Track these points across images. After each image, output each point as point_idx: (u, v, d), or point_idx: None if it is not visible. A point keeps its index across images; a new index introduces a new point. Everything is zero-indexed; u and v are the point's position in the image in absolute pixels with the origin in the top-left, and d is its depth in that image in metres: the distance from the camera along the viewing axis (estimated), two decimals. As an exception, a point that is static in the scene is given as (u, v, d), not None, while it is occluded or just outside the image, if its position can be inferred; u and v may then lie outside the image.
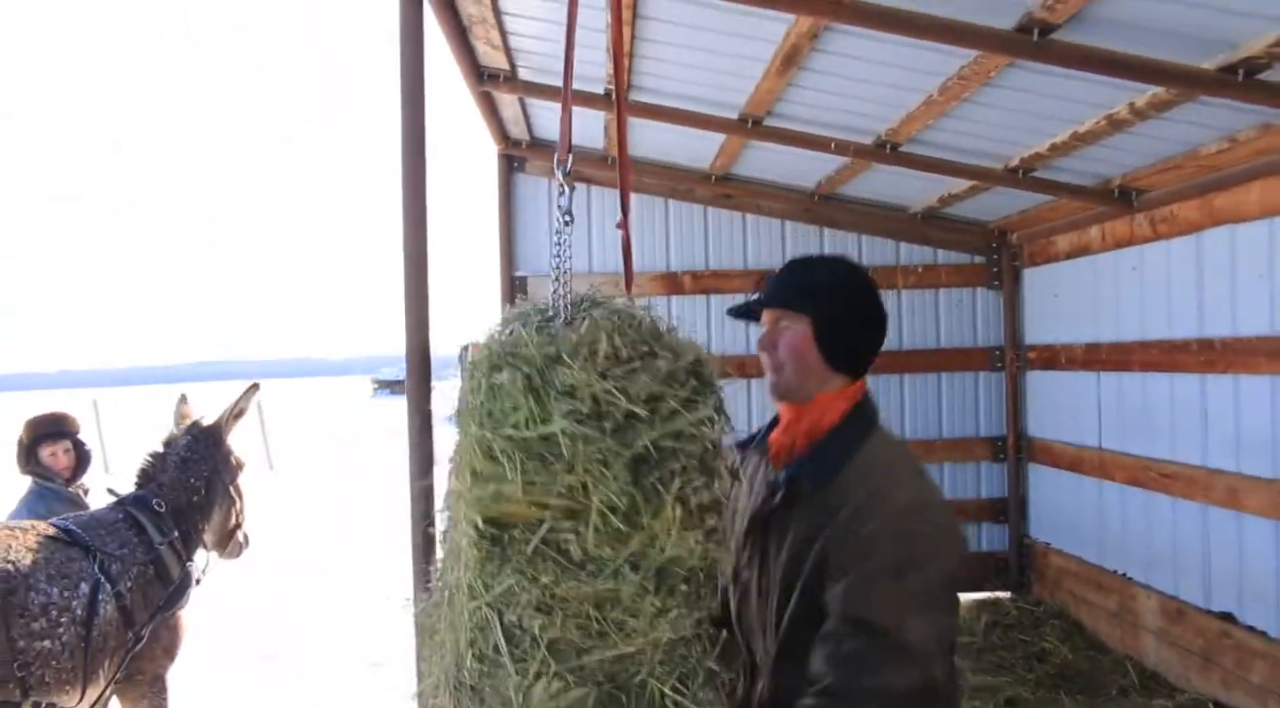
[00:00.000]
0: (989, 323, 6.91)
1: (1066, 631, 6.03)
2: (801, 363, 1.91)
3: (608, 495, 1.45)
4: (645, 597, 1.48)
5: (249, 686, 5.92)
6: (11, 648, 3.15)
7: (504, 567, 1.48)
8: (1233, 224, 4.50)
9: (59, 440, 4.31)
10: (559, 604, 1.47)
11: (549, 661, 1.46)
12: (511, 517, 1.48)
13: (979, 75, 3.94)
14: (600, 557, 1.46)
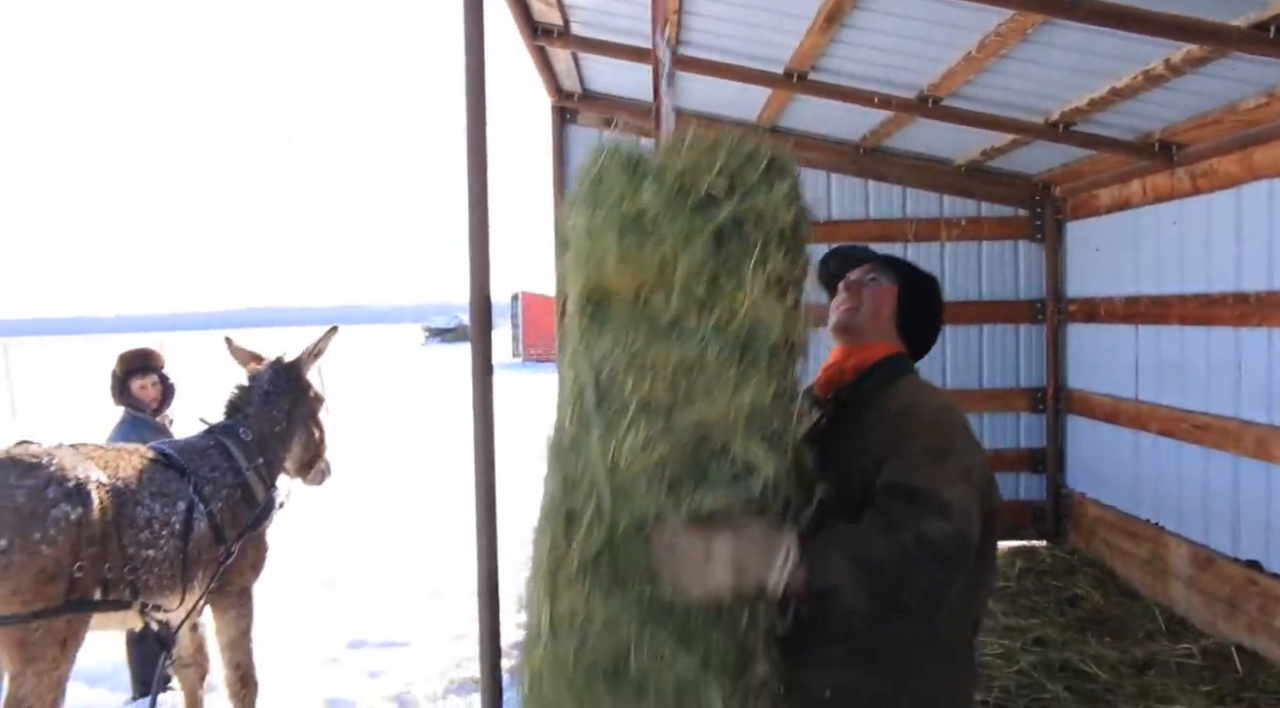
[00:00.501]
0: (1031, 276, 6.99)
1: (1099, 578, 6.18)
2: (877, 312, 2.14)
3: (693, 265, 1.64)
4: (728, 363, 1.66)
5: (312, 608, 6.30)
6: (123, 554, 3.49)
7: (602, 333, 1.68)
8: (1271, 178, 4.56)
9: (147, 374, 4.68)
10: (650, 368, 1.65)
11: (639, 419, 1.63)
12: (610, 288, 1.69)
13: (1016, 32, 4.04)
14: (687, 324, 1.66)
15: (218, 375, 4.94)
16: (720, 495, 1.63)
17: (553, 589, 1.63)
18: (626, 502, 1.62)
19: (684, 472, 1.64)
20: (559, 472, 1.68)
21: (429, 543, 8.24)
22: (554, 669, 1.63)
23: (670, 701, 1.61)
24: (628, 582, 1.62)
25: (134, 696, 4.82)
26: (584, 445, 1.65)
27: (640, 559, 1.62)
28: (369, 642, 5.76)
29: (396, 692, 4.95)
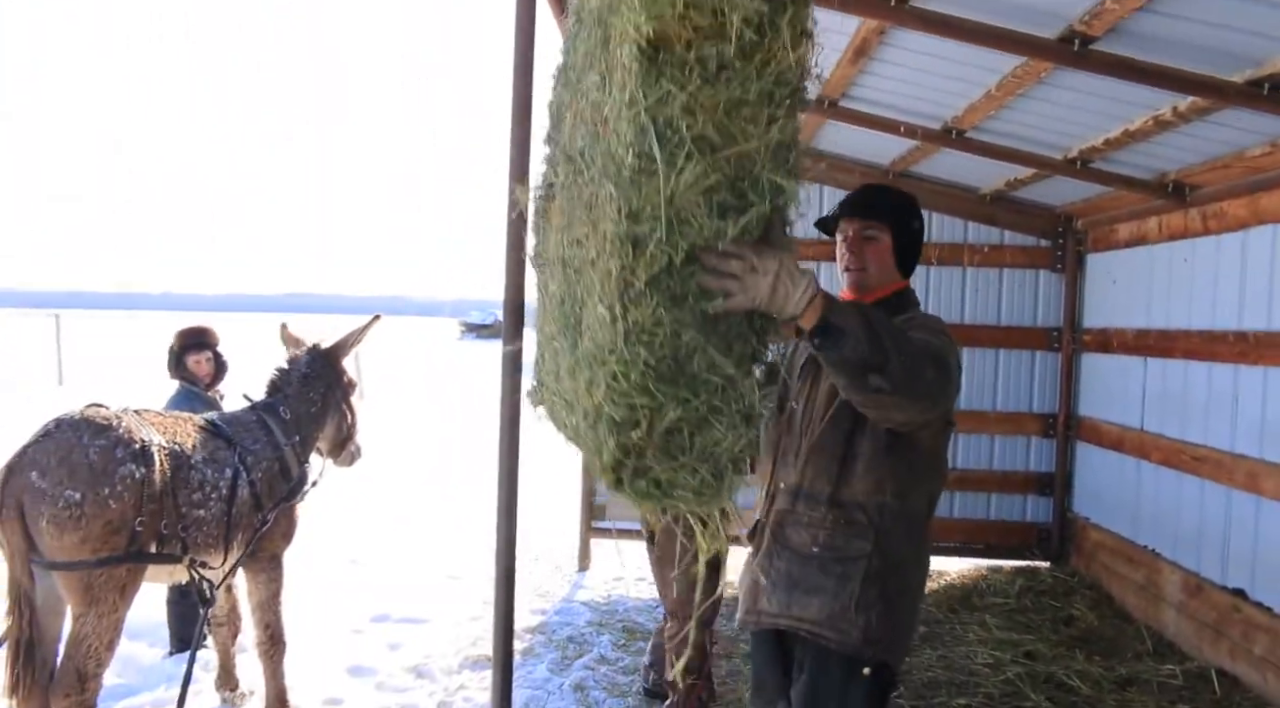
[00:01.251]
0: (1049, 304, 7.20)
1: (1095, 600, 6.38)
2: (881, 265, 2.62)
3: (746, 13, 1.90)
4: (762, 104, 1.96)
5: (338, 583, 6.63)
6: (177, 512, 3.85)
7: (660, 78, 1.93)
8: (1275, 223, 4.76)
9: (202, 350, 5.02)
10: (701, 108, 1.94)
11: (693, 151, 1.93)
12: (669, 35, 1.93)
13: (1031, 75, 4.28)
14: (734, 68, 1.93)
15: (261, 355, 5.29)
16: (755, 226, 1.99)
17: (623, 306, 1.95)
18: (684, 227, 1.95)
19: (729, 199, 1.98)
20: (623, 202, 1.97)
21: (451, 529, 8.56)
22: (627, 372, 1.95)
23: (718, 395, 1.98)
24: (686, 299, 1.97)
25: (171, 650, 5.16)
26: (646, 179, 1.95)
27: (695, 279, 1.97)
28: (390, 617, 6.07)
29: (414, 663, 5.25)
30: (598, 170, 2.20)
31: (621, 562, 7.44)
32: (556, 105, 2.93)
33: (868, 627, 2.44)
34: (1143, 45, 3.65)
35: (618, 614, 6.16)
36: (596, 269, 2.11)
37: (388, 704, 4.71)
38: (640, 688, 4.84)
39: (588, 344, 2.15)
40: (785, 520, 2.57)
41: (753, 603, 2.60)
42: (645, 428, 1.98)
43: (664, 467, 2.00)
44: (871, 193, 2.71)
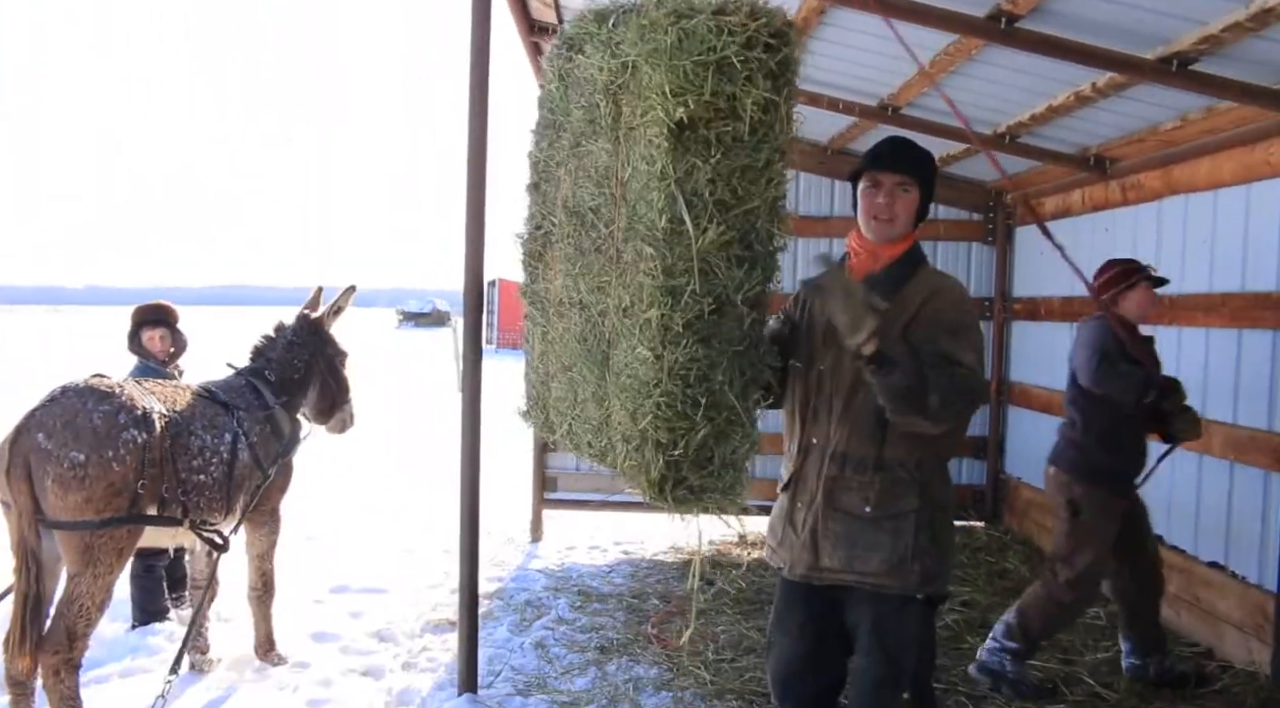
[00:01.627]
0: (982, 275, 7.53)
1: (1027, 555, 6.73)
2: (909, 218, 2.78)
3: (756, 98, 2.28)
4: (766, 170, 2.35)
5: (295, 558, 6.69)
6: (177, 477, 4.00)
7: (686, 153, 2.32)
8: (1186, 193, 5.09)
9: (158, 326, 5.06)
10: (719, 177, 2.32)
11: (715, 213, 2.33)
12: (694, 117, 2.29)
13: (962, 52, 4.53)
14: (744, 140, 2.31)
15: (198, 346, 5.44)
16: (761, 275, 2.42)
17: (665, 348, 2.35)
18: (711, 278, 2.34)
19: (742, 252, 2.37)
20: (659, 260, 2.35)
21: (403, 507, 8.67)
22: (671, 403, 2.35)
23: (733, 412, 2.39)
24: (713, 340, 2.36)
25: (134, 624, 5.21)
26: (677, 240, 2.34)
27: (716, 323, 2.36)
28: (350, 587, 6.18)
29: (377, 629, 5.37)
30: (621, 230, 2.61)
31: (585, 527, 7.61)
32: (544, 160, 3.23)
33: (924, 570, 2.69)
34: (1064, 23, 3.92)
35: (572, 580, 6.33)
36: (632, 317, 2.52)
37: (353, 666, 4.83)
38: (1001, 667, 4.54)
39: (626, 380, 2.54)
40: (835, 486, 2.74)
41: (813, 560, 2.76)
42: (684, 447, 2.37)
43: (697, 476, 2.40)
44: (905, 147, 2.83)
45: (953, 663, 4.75)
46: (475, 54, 4.01)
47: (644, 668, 4.71)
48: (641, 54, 2.42)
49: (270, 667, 4.72)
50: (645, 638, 5.12)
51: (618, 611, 5.64)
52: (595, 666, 4.76)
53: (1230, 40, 3.70)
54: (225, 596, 5.01)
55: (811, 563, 2.76)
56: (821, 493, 2.75)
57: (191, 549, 4.69)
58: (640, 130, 2.48)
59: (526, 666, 4.77)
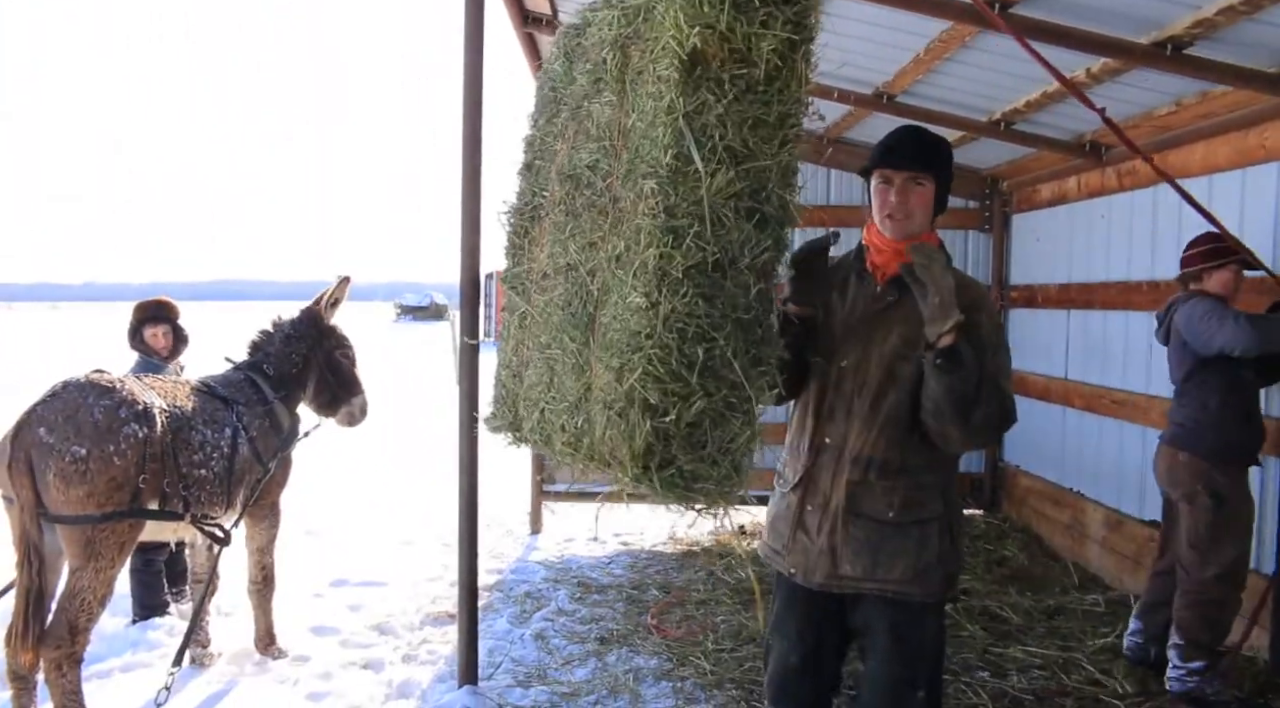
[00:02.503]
0: (979, 263, 7.52)
1: (1026, 542, 6.75)
2: (926, 213, 2.66)
3: (774, 44, 2.17)
4: (779, 127, 2.23)
5: (295, 553, 6.70)
6: (178, 472, 4.02)
7: (699, 88, 2.20)
8: (1181, 179, 5.06)
9: (159, 323, 5.06)
10: (731, 122, 2.19)
11: (725, 158, 2.19)
12: (707, 53, 2.18)
13: (957, 38, 4.52)
14: (757, 90, 2.19)
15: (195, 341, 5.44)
16: (772, 240, 2.27)
17: (660, 293, 2.18)
18: (717, 228, 2.18)
19: (752, 206, 2.22)
20: (662, 198, 2.21)
21: (401, 500, 8.68)
22: (664, 356, 2.17)
23: (733, 392, 2.20)
24: (717, 300, 2.19)
25: (134, 618, 5.22)
26: (683, 179, 2.20)
27: (719, 283, 2.20)
28: (349, 581, 6.19)
29: (377, 622, 5.38)
30: (620, 177, 2.45)
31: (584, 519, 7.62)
32: (541, 138, 3.13)
33: (946, 575, 2.65)
34: (1057, 8, 3.91)
35: (571, 571, 6.34)
36: (625, 263, 2.33)
37: (353, 659, 4.84)
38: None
39: (613, 334, 2.35)
40: (857, 491, 2.62)
41: (832, 568, 2.64)
42: (675, 416, 2.16)
43: (688, 458, 2.19)
44: (917, 140, 2.67)
45: (952, 651, 4.76)
46: (469, 45, 4.01)
47: (644, 659, 4.72)
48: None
49: (270, 660, 4.73)
50: (645, 629, 5.13)
51: (617, 602, 5.65)
52: (595, 656, 4.77)
53: (1224, 23, 3.69)
54: (225, 590, 5.01)
55: (830, 571, 2.65)
56: (843, 497, 2.63)
57: (192, 544, 4.70)
58: (649, 70, 2.36)
59: (527, 657, 4.78)
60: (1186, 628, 4.15)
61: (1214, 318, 3.96)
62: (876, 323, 2.64)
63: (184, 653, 4.17)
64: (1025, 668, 4.56)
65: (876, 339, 2.62)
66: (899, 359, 2.59)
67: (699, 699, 4.28)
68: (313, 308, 4.84)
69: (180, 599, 5.28)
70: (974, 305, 2.55)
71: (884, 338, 2.62)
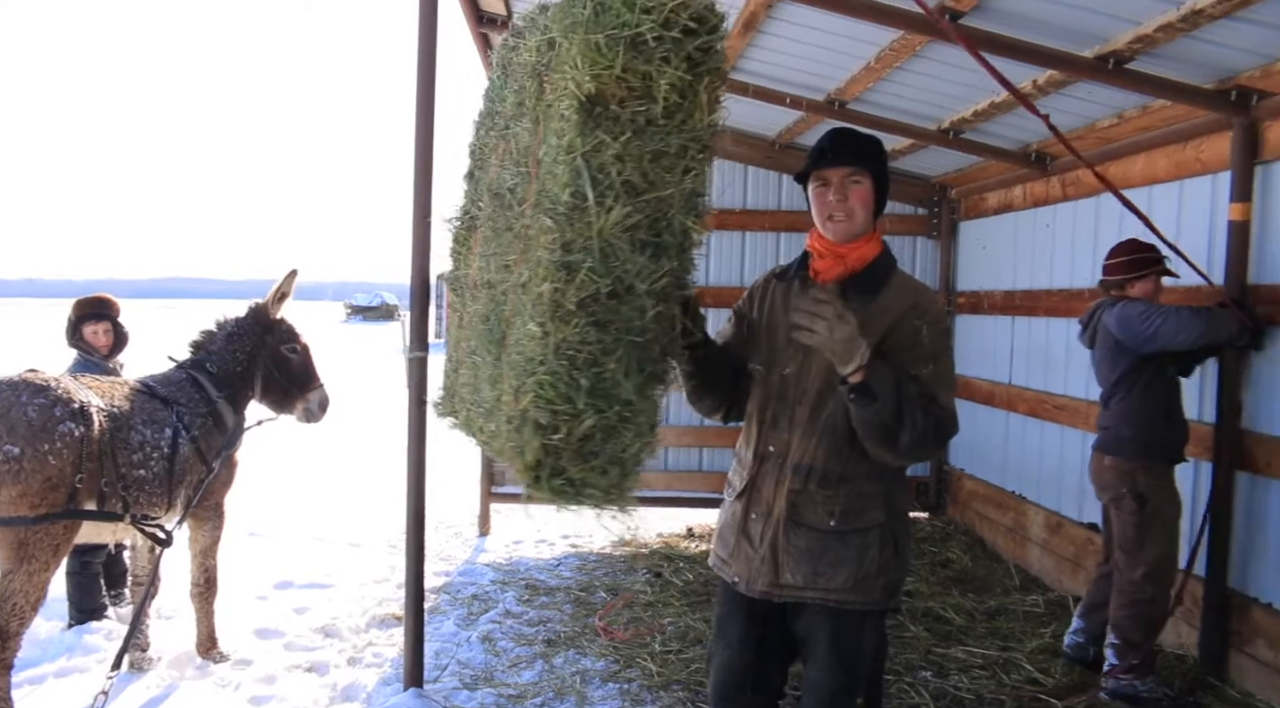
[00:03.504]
0: (927, 269, 7.62)
1: (969, 544, 6.86)
2: (867, 211, 2.62)
3: (672, 79, 2.20)
4: (680, 157, 2.26)
5: (238, 556, 6.60)
6: (117, 472, 3.94)
7: (596, 128, 2.23)
8: (1123, 189, 5.17)
9: (100, 320, 4.94)
10: (629, 157, 2.23)
11: (620, 193, 2.24)
12: (605, 93, 2.23)
13: (908, 48, 4.59)
14: (658, 124, 2.23)
15: (141, 339, 5.35)
16: (670, 266, 2.29)
17: (554, 324, 2.23)
18: (611, 261, 2.23)
19: (648, 238, 2.26)
20: (558, 234, 2.25)
21: (348, 501, 8.58)
22: (554, 382, 2.22)
23: (629, 408, 2.25)
24: (610, 325, 2.23)
25: (70, 623, 5.10)
26: (579, 215, 2.24)
27: (615, 309, 2.23)
28: (294, 583, 6.10)
29: (322, 624, 5.31)
30: (530, 205, 2.50)
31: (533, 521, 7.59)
32: (480, 148, 3.18)
33: (888, 583, 2.62)
34: (1005, 21, 3.98)
35: (520, 573, 6.32)
36: (528, 292, 2.39)
37: (297, 662, 4.77)
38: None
39: (515, 356, 2.42)
40: (798, 499, 2.62)
41: (774, 576, 2.64)
42: (565, 433, 2.23)
43: (577, 468, 2.26)
44: (849, 138, 2.63)
45: (896, 652, 4.82)
46: (423, 45, 3.97)
47: (591, 660, 4.72)
48: (560, 29, 2.38)
49: (212, 664, 4.65)
50: (592, 631, 5.13)
51: (565, 604, 5.64)
52: (542, 659, 4.76)
53: (1163, 39, 3.79)
54: (166, 592, 4.93)
55: (772, 580, 2.64)
56: (784, 506, 2.63)
57: (133, 545, 4.61)
58: (556, 105, 2.42)
59: (473, 659, 4.76)
60: (1122, 628, 4.27)
61: (1154, 314, 4.08)
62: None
63: (123, 657, 4.08)
64: (966, 668, 4.63)
65: (815, 352, 2.55)
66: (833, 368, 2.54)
67: (645, 701, 4.29)
68: (258, 304, 4.76)
69: (119, 603, 5.17)
70: (914, 312, 2.54)
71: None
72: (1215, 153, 4.50)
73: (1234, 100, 4.19)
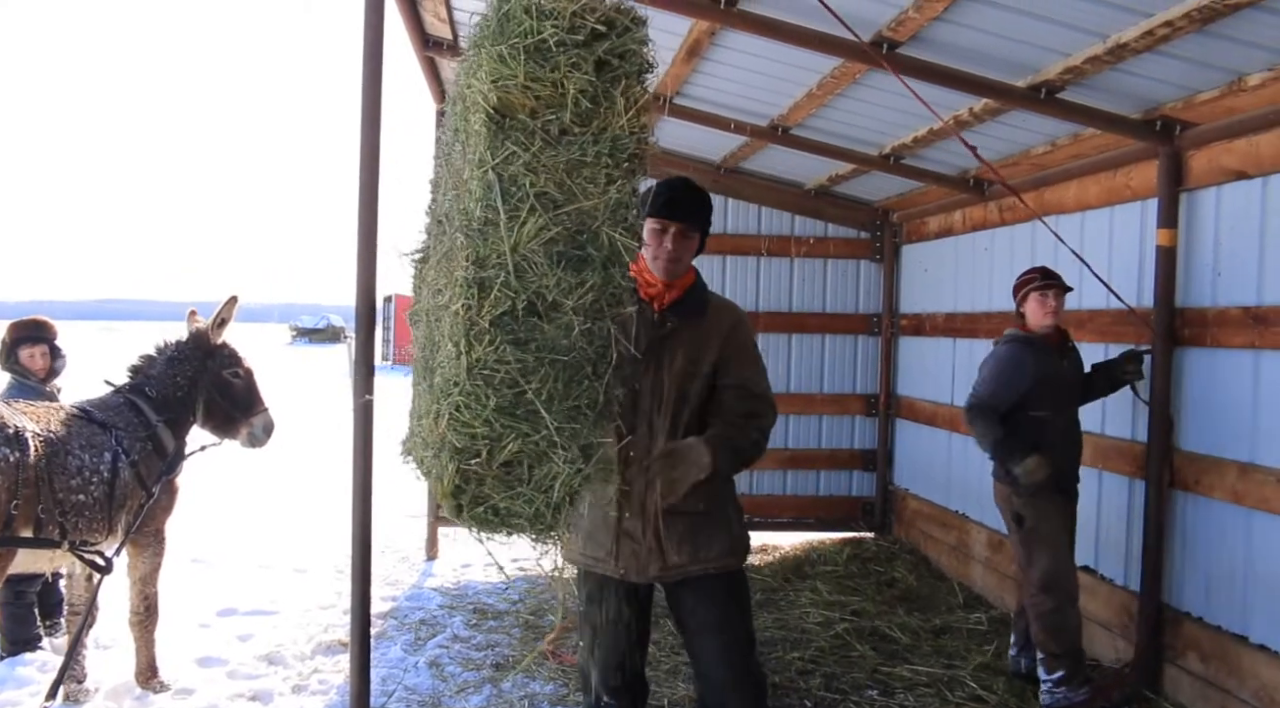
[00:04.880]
0: (870, 292, 7.77)
1: (914, 563, 6.96)
2: (691, 257, 3.06)
3: (581, 85, 2.17)
4: (600, 167, 2.21)
5: (179, 582, 6.47)
6: (54, 498, 3.86)
7: (505, 140, 2.18)
8: (1057, 214, 5.36)
9: (37, 344, 4.84)
10: (544, 168, 2.18)
11: (536, 207, 2.19)
12: (513, 103, 2.18)
13: (848, 75, 4.70)
14: (573, 133, 2.19)
15: (79, 362, 5.27)
16: (595, 280, 2.24)
17: (468, 343, 2.16)
18: (526, 275, 2.17)
19: (569, 251, 2.21)
20: (471, 250, 2.19)
21: (294, 526, 8.47)
22: (469, 403, 2.16)
23: (558, 432, 2.19)
24: (530, 343, 2.19)
25: (2, 654, 4.97)
26: (492, 230, 2.19)
27: (536, 326, 2.18)
28: (238, 610, 6.01)
29: (266, 652, 5.23)
30: (454, 225, 2.43)
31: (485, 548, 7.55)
32: (436, 179, 3.14)
33: (747, 545, 3.17)
34: (941, 51, 4.10)
35: (468, 597, 6.28)
36: (448, 312, 2.32)
37: (240, 691, 4.69)
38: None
39: (438, 380, 2.36)
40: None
41: (661, 561, 3.02)
42: (485, 457, 2.18)
43: (501, 496, 2.22)
44: (689, 198, 3.03)
45: (843, 671, 4.88)
46: (367, 67, 3.98)
47: (539, 684, 4.71)
48: (472, 43, 2.36)
49: (151, 695, 4.55)
50: (541, 655, 5.11)
51: (514, 628, 5.62)
52: (490, 683, 4.73)
53: (1091, 71, 3.93)
54: (104, 621, 4.82)
55: (661, 565, 3.02)
56: (658, 501, 2.98)
57: (70, 574, 4.51)
58: (471, 121, 2.36)
59: (421, 685, 4.72)
60: (1039, 641, 4.46)
61: (981, 377, 4.56)
62: (662, 348, 2.99)
63: (57, 689, 3.99)
64: (912, 686, 4.70)
65: (665, 362, 2.98)
66: (687, 378, 2.99)
67: (594, 724, 4.29)
68: (199, 328, 4.70)
69: (54, 633, 5.05)
70: (738, 327, 3.06)
71: (671, 360, 2.98)
72: (1143, 180, 4.65)
73: (1159, 130, 4.34)
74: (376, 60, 4.02)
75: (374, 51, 4.01)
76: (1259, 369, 4.05)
